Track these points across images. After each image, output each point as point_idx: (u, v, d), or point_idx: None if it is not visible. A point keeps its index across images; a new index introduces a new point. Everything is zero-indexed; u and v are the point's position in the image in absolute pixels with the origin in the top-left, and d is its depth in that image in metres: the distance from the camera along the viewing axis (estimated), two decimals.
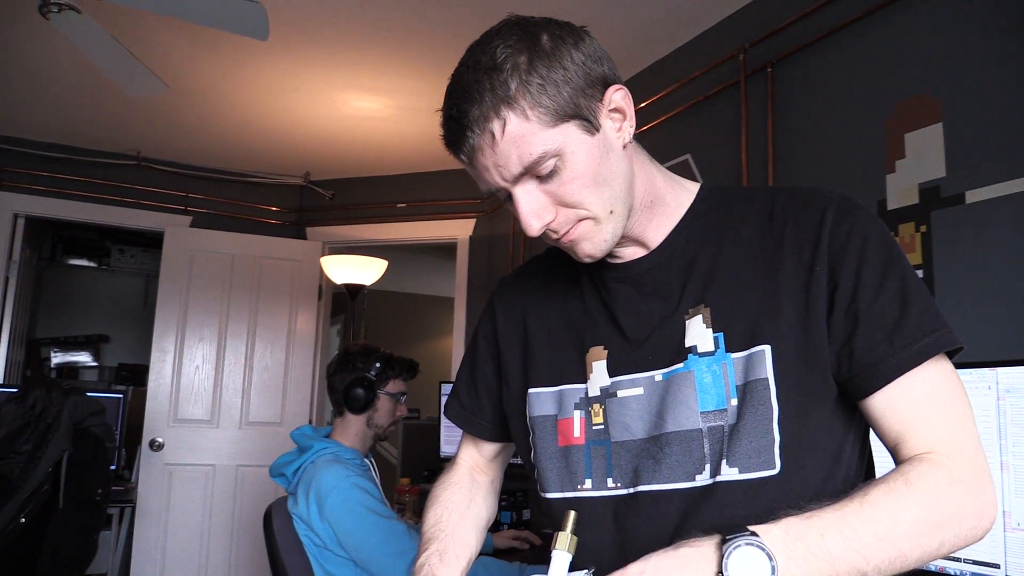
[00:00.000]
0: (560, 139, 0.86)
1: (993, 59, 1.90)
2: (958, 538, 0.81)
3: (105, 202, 4.53)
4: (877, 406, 0.87)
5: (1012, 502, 1.35)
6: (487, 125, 0.85)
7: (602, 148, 0.90)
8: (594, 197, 0.89)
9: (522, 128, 0.85)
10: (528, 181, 0.88)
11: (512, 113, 0.84)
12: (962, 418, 0.85)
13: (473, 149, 0.87)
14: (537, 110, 0.85)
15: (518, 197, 0.89)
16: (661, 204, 0.99)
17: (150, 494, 4.29)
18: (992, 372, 1.40)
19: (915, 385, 0.85)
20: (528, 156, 0.85)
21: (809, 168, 2.40)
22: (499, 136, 0.85)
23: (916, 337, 0.84)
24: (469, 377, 1.20)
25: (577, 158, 0.87)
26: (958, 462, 0.82)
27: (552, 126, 0.85)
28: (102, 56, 2.62)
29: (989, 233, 1.86)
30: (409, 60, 3.28)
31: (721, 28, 2.86)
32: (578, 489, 0.99)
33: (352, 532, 2.05)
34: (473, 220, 4.64)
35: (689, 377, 0.91)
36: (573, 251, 0.94)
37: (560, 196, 0.89)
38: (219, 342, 4.55)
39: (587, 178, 0.88)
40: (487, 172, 0.88)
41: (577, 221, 0.91)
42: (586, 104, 0.88)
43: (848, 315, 0.87)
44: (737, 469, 0.87)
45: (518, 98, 0.84)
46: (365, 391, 2.31)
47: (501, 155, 0.86)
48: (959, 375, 0.88)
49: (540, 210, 0.89)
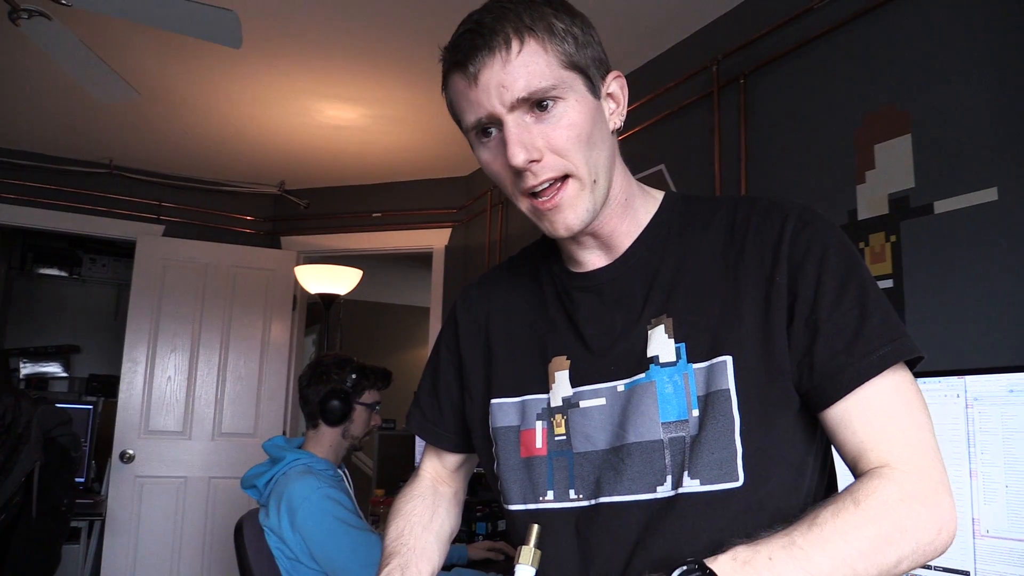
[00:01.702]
0: (569, 83, 0.88)
1: (960, 71, 1.93)
2: (916, 553, 0.79)
3: (76, 210, 4.47)
4: (836, 417, 0.86)
5: (981, 509, 1.36)
6: (508, 39, 0.86)
7: (599, 114, 0.92)
8: (582, 154, 0.89)
9: (538, 55, 0.86)
10: (524, 114, 0.87)
11: (533, 39, 0.86)
12: (919, 429, 0.84)
13: (484, 60, 0.86)
14: (557, 49, 0.87)
15: (509, 125, 0.87)
16: (632, 207, 0.99)
17: (120, 507, 4.23)
18: (960, 380, 1.41)
19: (873, 396, 0.84)
20: (536, 82, 0.86)
21: (781, 178, 2.43)
22: (515, 53, 0.86)
23: (875, 347, 0.84)
24: (431, 387, 1.18)
25: (578, 108, 0.89)
26: (913, 476, 0.81)
27: (565, 68, 0.88)
28: (73, 63, 2.59)
29: (957, 243, 1.89)
30: (384, 70, 3.27)
31: (694, 40, 2.89)
32: (540, 501, 0.98)
33: (324, 543, 2.04)
34: (449, 230, 4.64)
35: (651, 388, 0.91)
36: (552, 221, 0.92)
37: (552, 139, 0.88)
38: (192, 352, 4.50)
39: (583, 131, 0.89)
40: (486, 93, 0.87)
41: (563, 177, 0.89)
42: (595, 71, 0.91)
43: (808, 325, 0.86)
44: (699, 481, 0.86)
45: (544, 31, 0.87)
46: (341, 403, 2.30)
47: (510, 73, 0.86)
48: (924, 384, 0.88)
49: (529, 143, 0.87)
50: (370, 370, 2.41)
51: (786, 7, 2.45)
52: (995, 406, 1.36)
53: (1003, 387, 1.36)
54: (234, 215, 4.89)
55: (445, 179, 4.68)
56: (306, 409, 2.35)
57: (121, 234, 4.60)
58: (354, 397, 2.34)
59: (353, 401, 2.33)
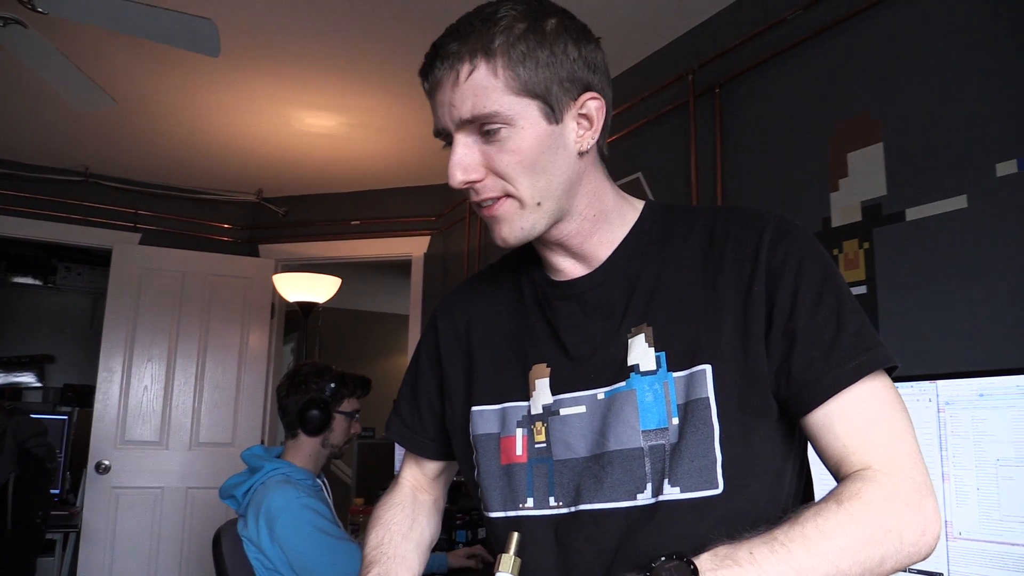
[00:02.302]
0: (518, 110, 0.88)
1: (931, 81, 1.96)
2: (900, 554, 0.79)
3: (51, 219, 4.42)
4: (816, 424, 0.87)
5: (954, 511, 1.38)
6: (457, 63, 0.87)
7: (553, 140, 0.91)
8: (526, 180, 0.90)
9: (487, 81, 0.87)
10: (471, 134, 0.90)
11: (484, 63, 0.87)
12: (900, 433, 0.85)
13: (437, 80, 0.89)
14: (508, 73, 0.87)
15: (455, 143, 0.90)
16: (606, 220, 0.99)
17: (96, 519, 4.17)
18: (932, 385, 1.44)
19: (852, 402, 0.85)
20: (481, 108, 0.87)
21: (757, 186, 2.46)
22: (463, 77, 0.87)
23: (852, 355, 0.85)
24: (411, 394, 1.18)
25: (525, 135, 0.89)
26: (895, 477, 0.82)
27: (515, 94, 0.88)
28: (49, 71, 2.58)
29: (928, 249, 1.92)
30: (363, 78, 3.27)
31: (670, 49, 2.92)
32: (520, 508, 0.98)
33: (303, 553, 2.03)
34: (428, 237, 4.64)
35: (631, 396, 0.91)
36: (491, 227, 0.95)
37: (494, 163, 0.90)
38: (169, 361, 4.46)
39: (527, 158, 0.89)
40: (440, 108, 0.90)
41: (503, 196, 0.91)
42: (557, 94, 0.90)
43: (785, 334, 0.87)
44: (679, 488, 0.87)
45: (497, 54, 0.87)
46: (320, 412, 2.29)
47: (458, 96, 0.88)
48: (899, 389, 0.90)
49: (469, 165, 0.90)
50: (349, 378, 2.40)
51: (760, 17, 2.48)
52: (966, 410, 1.39)
53: (974, 391, 1.38)
54: (211, 223, 4.86)
55: (423, 187, 4.68)
56: (285, 419, 2.34)
57: (97, 242, 4.56)
58: (333, 406, 2.33)
59: (332, 410, 2.32)
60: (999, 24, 1.82)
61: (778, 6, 2.41)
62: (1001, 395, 1.34)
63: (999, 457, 1.33)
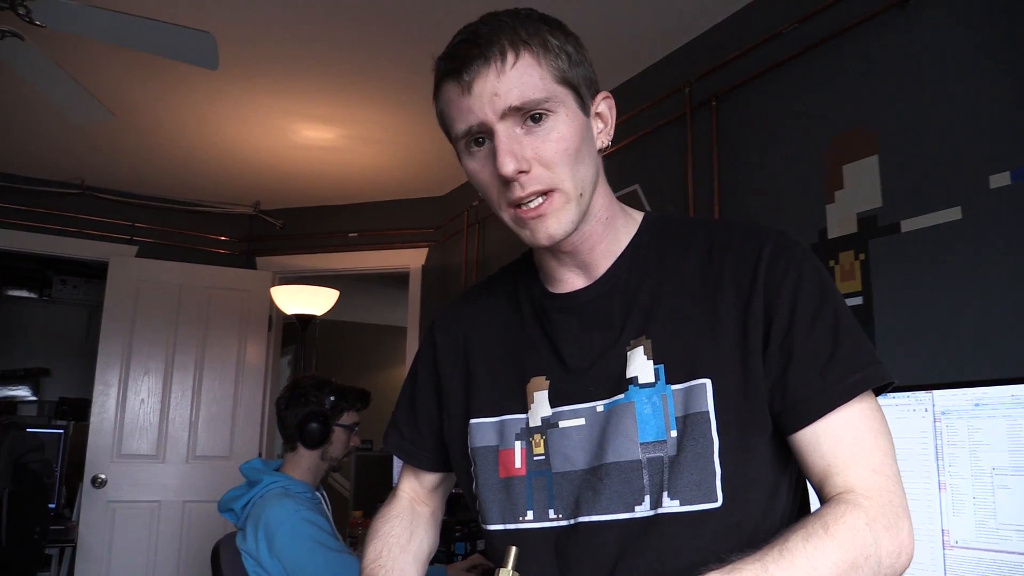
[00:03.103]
0: (561, 97, 0.90)
1: (924, 94, 1.98)
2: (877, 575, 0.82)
3: (47, 231, 4.42)
4: (804, 441, 0.88)
5: (950, 521, 1.39)
6: (504, 50, 0.87)
7: (588, 131, 0.93)
8: (570, 170, 0.90)
9: (532, 69, 0.88)
10: (514, 125, 0.88)
11: (528, 53, 0.88)
12: (884, 456, 0.86)
13: (479, 69, 0.87)
14: (550, 64, 0.89)
15: (499, 134, 0.88)
16: (613, 227, 1.00)
17: (92, 533, 4.15)
18: (928, 395, 1.44)
19: (840, 422, 0.86)
20: (530, 92, 0.87)
21: (753, 198, 2.47)
22: (510, 64, 0.87)
23: (848, 373, 0.86)
24: (409, 407, 1.18)
25: (568, 123, 0.90)
26: (876, 501, 0.83)
27: (558, 83, 0.89)
28: (46, 84, 2.58)
29: (923, 260, 1.93)
30: (361, 90, 3.28)
31: (667, 63, 2.94)
32: (519, 521, 0.98)
33: (302, 567, 2.02)
34: (426, 249, 4.65)
35: (629, 408, 0.91)
36: (534, 229, 0.92)
37: (540, 152, 0.89)
38: (165, 374, 4.45)
39: (571, 146, 0.90)
40: (479, 101, 0.88)
41: (550, 191, 0.90)
42: (585, 90, 0.93)
43: (782, 350, 0.88)
44: (679, 501, 0.87)
45: (539, 46, 0.89)
46: (320, 425, 2.29)
47: (504, 82, 0.87)
48: (893, 398, 0.91)
49: (518, 153, 0.88)
50: (348, 391, 2.40)
51: (756, 31, 2.50)
52: (962, 419, 1.39)
53: (969, 401, 1.39)
54: (209, 235, 4.86)
55: (421, 199, 4.69)
56: (284, 432, 2.34)
57: (93, 255, 4.55)
58: (333, 419, 2.33)
59: (332, 423, 2.32)
60: (992, 38, 1.84)
61: (774, 20, 2.43)
62: (996, 404, 1.35)
63: (995, 466, 1.34)
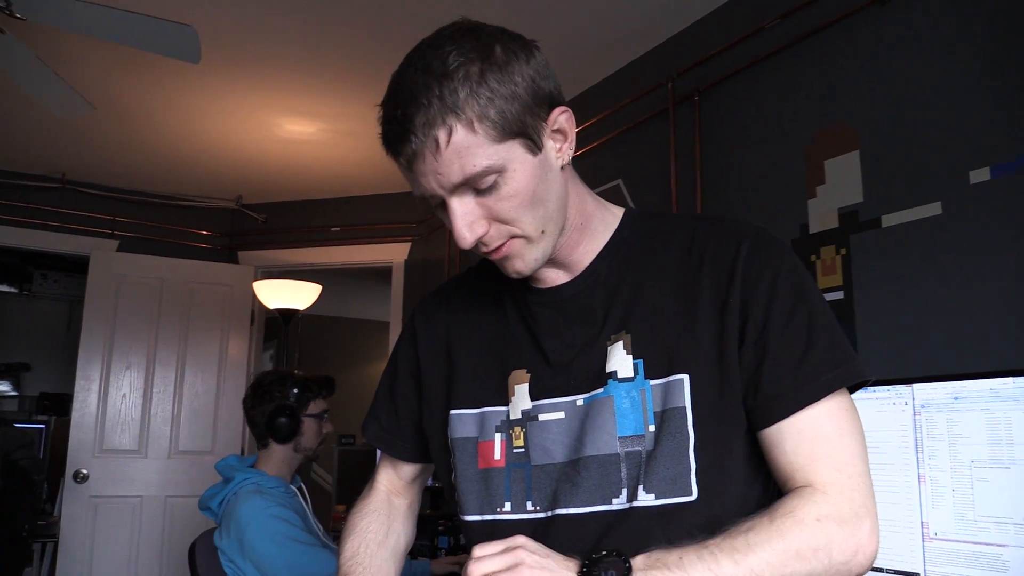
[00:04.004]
0: (504, 155, 0.85)
1: (906, 90, 2.00)
2: (829, 572, 0.81)
3: (27, 225, 4.37)
4: (771, 437, 0.88)
5: (930, 513, 1.41)
6: (432, 132, 0.82)
7: (542, 168, 0.89)
8: (528, 216, 0.89)
9: (468, 140, 0.83)
10: (465, 193, 0.87)
11: (459, 123, 0.82)
12: (848, 455, 0.86)
13: (414, 154, 0.84)
14: (484, 123, 0.83)
15: (453, 208, 0.87)
16: (589, 227, 1.00)
17: (74, 528, 4.12)
18: (908, 388, 1.46)
19: (807, 420, 0.86)
20: (471, 168, 0.84)
21: (736, 193, 2.48)
22: (443, 144, 0.82)
23: (821, 371, 0.86)
24: (388, 397, 1.18)
25: (518, 176, 0.86)
26: (832, 497, 0.83)
27: (498, 141, 0.84)
28: (26, 77, 2.56)
29: (904, 255, 1.95)
30: (342, 84, 3.27)
31: (650, 57, 2.94)
32: (497, 512, 0.98)
33: (273, 562, 2.02)
34: (408, 244, 4.64)
35: (608, 402, 0.92)
36: (502, 266, 0.94)
37: (495, 211, 0.88)
38: (147, 369, 4.43)
39: (525, 197, 0.88)
40: (424, 178, 0.86)
41: (509, 238, 0.90)
42: (532, 122, 0.87)
43: (757, 348, 0.89)
44: (653, 495, 0.88)
45: (467, 108, 0.82)
46: (288, 419, 2.29)
47: (443, 163, 0.83)
48: (874, 392, 0.91)
49: (474, 223, 0.88)
50: (311, 380, 2.40)
51: (739, 26, 2.51)
52: (941, 413, 1.41)
53: (948, 394, 1.41)
54: (190, 230, 4.82)
55: (404, 193, 4.68)
56: (254, 430, 2.34)
57: (74, 250, 4.51)
58: (300, 410, 2.33)
59: (300, 414, 2.33)
60: (973, 35, 1.86)
61: (757, 15, 2.44)
62: (975, 398, 1.37)
63: (973, 459, 1.36)
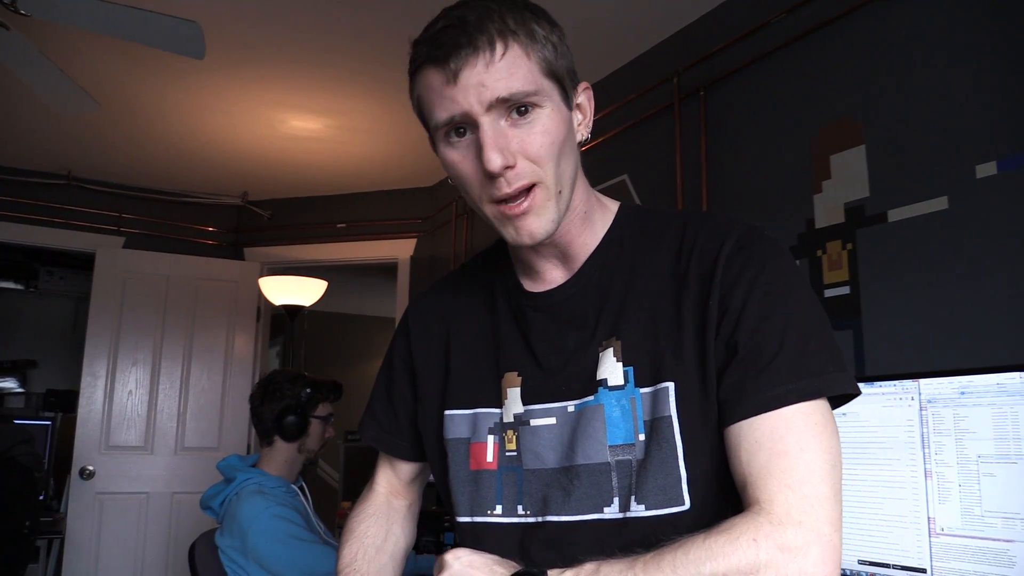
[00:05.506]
0: (547, 91, 0.87)
1: (912, 84, 1.99)
2: None
3: (33, 222, 4.38)
4: (729, 439, 0.84)
5: (936, 508, 1.40)
6: (492, 40, 0.84)
7: (569, 126, 0.91)
8: (553, 163, 0.87)
9: (521, 61, 0.85)
10: (499, 117, 0.85)
11: (517, 44, 0.85)
12: (805, 474, 0.79)
13: (466, 59, 0.83)
14: (538, 55, 0.86)
15: (485, 127, 0.85)
16: (590, 220, 0.99)
17: (80, 525, 4.14)
18: (914, 383, 1.46)
19: (764, 429, 0.81)
20: (518, 84, 0.84)
21: (741, 188, 2.48)
22: (499, 55, 0.84)
23: (781, 381, 0.81)
24: (386, 397, 1.16)
25: (554, 116, 0.88)
26: (777, 520, 0.77)
27: (544, 76, 0.87)
28: (32, 73, 2.56)
29: (910, 250, 1.94)
30: (348, 80, 3.27)
31: (655, 53, 2.94)
32: (487, 514, 0.98)
33: (278, 561, 2.04)
34: (414, 240, 4.64)
35: (599, 411, 0.91)
36: (518, 227, 0.89)
37: (525, 145, 0.86)
38: (153, 366, 4.44)
39: (556, 140, 0.87)
40: (464, 92, 0.84)
41: (533, 185, 0.87)
42: (568, 79, 0.91)
43: (728, 346, 0.86)
44: (644, 506, 0.87)
45: (527, 36, 0.86)
46: (298, 418, 2.32)
47: (492, 74, 0.83)
48: (880, 387, 0.89)
49: (504, 147, 0.85)
50: (322, 383, 2.44)
51: (744, 21, 2.50)
52: (948, 408, 1.41)
53: (955, 389, 1.40)
54: (196, 226, 4.83)
55: (410, 189, 4.68)
56: (260, 427, 2.35)
57: (80, 246, 4.52)
58: (309, 411, 2.36)
59: (309, 415, 2.35)
60: (979, 28, 1.85)
61: (762, 10, 2.43)
62: (982, 393, 1.36)
63: (980, 454, 1.35)
